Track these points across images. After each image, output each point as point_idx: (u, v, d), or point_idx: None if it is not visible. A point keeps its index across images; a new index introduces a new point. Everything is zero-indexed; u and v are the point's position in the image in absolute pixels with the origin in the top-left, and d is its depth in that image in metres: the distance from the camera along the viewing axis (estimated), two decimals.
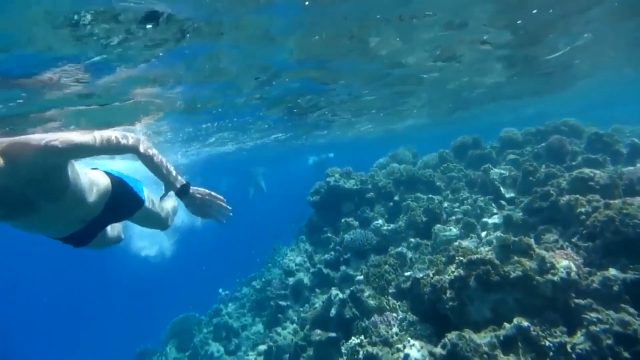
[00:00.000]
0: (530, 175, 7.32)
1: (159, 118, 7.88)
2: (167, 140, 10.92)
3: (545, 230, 5.63)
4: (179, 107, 7.11)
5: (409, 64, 7.11)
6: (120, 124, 7.28)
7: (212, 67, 5.18)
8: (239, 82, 6.33)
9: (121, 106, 5.96)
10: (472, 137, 10.68)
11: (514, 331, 3.91)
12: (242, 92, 7.04)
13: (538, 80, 11.91)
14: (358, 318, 5.69)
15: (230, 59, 5.02)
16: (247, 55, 5.05)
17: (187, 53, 4.42)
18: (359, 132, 19.59)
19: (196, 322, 11.21)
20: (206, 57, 4.81)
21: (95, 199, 2.49)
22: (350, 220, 8.76)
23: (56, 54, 3.49)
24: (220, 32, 4.01)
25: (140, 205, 2.98)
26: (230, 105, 7.98)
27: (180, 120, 8.81)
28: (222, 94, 6.97)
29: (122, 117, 6.89)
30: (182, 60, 4.68)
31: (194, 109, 7.65)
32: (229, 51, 4.72)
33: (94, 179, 2.53)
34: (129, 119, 7.17)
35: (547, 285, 4.15)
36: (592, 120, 10.10)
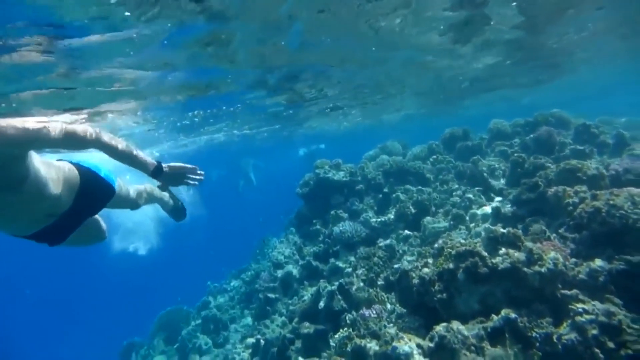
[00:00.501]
0: (519, 166, 7.33)
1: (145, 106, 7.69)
2: (155, 129, 10.68)
3: (533, 222, 5.64)
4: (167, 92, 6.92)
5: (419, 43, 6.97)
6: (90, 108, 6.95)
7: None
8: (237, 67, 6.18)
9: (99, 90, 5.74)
10: (461, 129, 10.67)
11: (502, 323, 3.91)
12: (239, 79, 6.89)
13: (536, 66, 11.89)
14: (347, 310, 5.67)
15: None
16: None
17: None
18: (350, 123, 19.54)
19: (184, 314, 11.13)
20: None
21: (62, 191, 2.35)
22: (339, 212, 8.72)
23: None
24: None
25: (112, 194, 2.89)
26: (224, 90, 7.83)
27: (168, 107, 8.61)
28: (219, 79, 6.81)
29: (93, 101, 6.58)
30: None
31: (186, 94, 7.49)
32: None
33: (59, 170, 2.39)
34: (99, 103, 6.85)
35: (535, 276, 4.15)
36: (581, 112, 10.15)
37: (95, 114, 7.18)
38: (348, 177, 9.38)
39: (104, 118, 7.68)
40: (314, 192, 9.67)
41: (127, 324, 16.03)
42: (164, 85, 6.41)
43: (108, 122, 8.12)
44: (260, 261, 12.26)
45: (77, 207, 2.52)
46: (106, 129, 7.59)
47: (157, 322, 11.31)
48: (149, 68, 5.35)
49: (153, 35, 4.16)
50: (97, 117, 7.40)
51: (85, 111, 6.84)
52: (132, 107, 7.45)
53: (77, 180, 2.51)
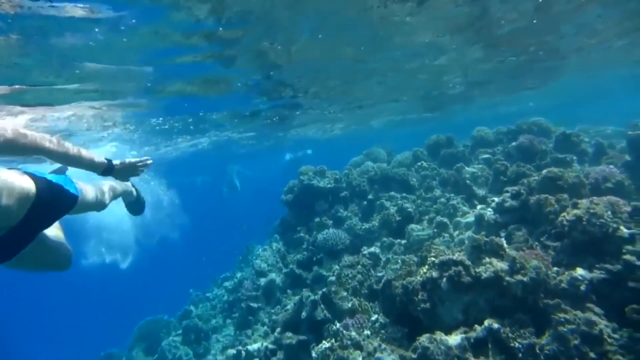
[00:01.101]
0: (502, 174, 7.38)
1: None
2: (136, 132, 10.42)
3: (515, 230, 5.65)
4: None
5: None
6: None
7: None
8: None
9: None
10: (445, 136, 10.73)
11: (485, 333, 3.87)
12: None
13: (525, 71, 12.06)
14: (330, 320, 5.57)
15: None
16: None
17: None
18: (338, 129, 19.53)
19: (164, 324, 10.84)
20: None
21: (10, 203, 2.16)
22: (323, 220, 8.63)
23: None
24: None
25: (73, 203, 2.67)
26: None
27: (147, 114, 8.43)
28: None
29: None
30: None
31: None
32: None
33: (7, 181, 2.14)
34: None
35: (518, 285, 4.13)
36: (561, 120, 10.33)
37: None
38: (333, 184, 9.32)
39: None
40: (298, 199, 9.58)
41: (105, 334, 15.56)
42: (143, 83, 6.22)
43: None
44: (243, 269, 12.06)
45: (30, 220, 2.31)
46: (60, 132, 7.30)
47: (137, 332, 10.98)
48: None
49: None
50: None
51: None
52: (100, 106, 7.16)
53: (31, 192, 2.30)
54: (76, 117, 7.55)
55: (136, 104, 7.56)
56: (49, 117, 7.13)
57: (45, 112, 6.79)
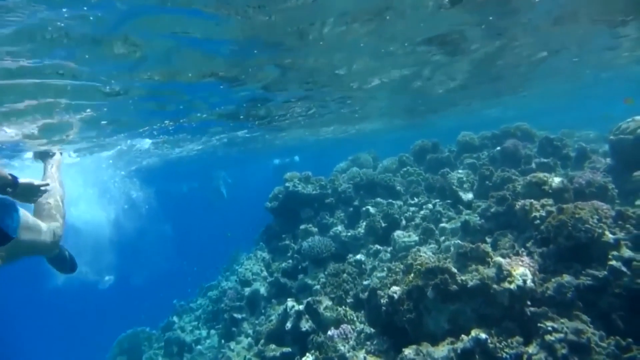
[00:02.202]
0: (487, 179, 7.36)
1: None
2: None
3: (501, 235, 5.61)
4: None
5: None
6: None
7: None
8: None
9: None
10: (431, 141, 10.73)
11: (472, 344, 3.76)
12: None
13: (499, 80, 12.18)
14: (314, 331, 5.41)
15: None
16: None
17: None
18: (322, 134, 19.42)
19: (146, 337, 10.50)
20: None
21: None
22: (308, 227, 8.49)
23: None
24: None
25: (6, 241, 2.27)
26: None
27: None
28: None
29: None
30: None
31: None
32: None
33: None
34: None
35: (504, 294, 4.05)
36: (540, 125, 10.43)
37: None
38: (318, 190, 9.19)
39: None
40: (284, 206, 9.42)
41: (84, 347, 15.02)
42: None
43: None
44: (229, 278, 11.81)
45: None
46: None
47: (117, 346, 10.62)
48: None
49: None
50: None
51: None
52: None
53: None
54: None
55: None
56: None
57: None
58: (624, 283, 3.92)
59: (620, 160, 6.28)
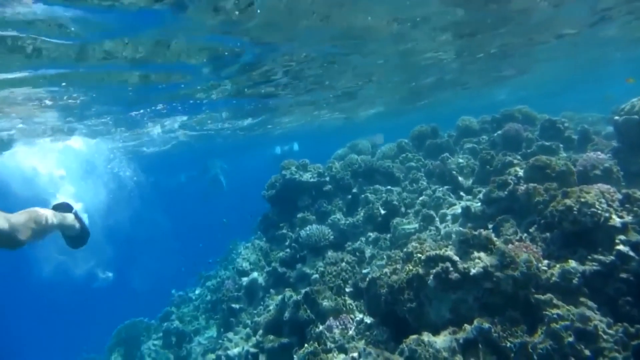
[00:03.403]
0: (488, 164, 7.19)
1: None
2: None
3: (503, 221, 5.45)
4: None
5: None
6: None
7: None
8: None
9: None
10: (430, 126, 10.53)
11: (475, 333, 3.64)
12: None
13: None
14: (313, 321, 5.29)
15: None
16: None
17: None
18: (321, 120, 19.16)
19: (145, 327, 10.43)
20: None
21: None
22: (306, 215, 8.34)
23: None
24: None
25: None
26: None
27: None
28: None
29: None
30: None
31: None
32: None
33: None
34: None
35: (508, 281, 3.91)
36: (539, 108, 10.22)
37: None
38: (316, 178, 9.02)
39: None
40: (281, 194, 9.25)
41: (82, 338, 14.99)
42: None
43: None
44: (227, 267, 11.71)
45: None
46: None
47: (115, 336, 10.55)
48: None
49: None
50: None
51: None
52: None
53: None
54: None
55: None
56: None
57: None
58: (631, 268, 3.78)
59: (626, 142, 6.09)
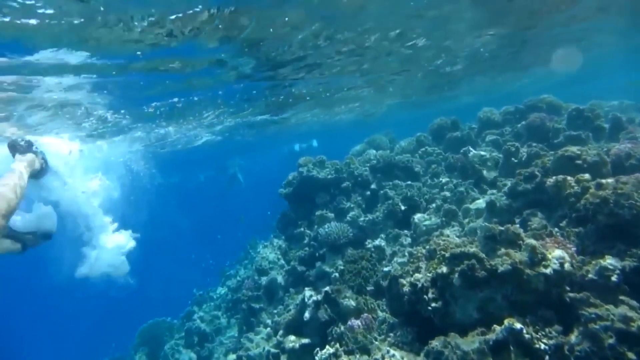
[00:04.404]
0: (512, 156, 6.90)
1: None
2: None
3: (531, 215, 5.20)
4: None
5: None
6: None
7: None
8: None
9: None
10: (450, 119, 10.22)
11: (505, 334, 3.44)
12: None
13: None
14: (334, 321, 5.17)
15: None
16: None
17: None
18: (339, 114, 18.98)
19: (167, 327, 10.53)
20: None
21: None
22: (324, 213, 8.21)
23: None
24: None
25: None
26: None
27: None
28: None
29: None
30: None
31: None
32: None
33: None
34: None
35: (539, 278, 3.69)
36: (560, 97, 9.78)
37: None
38: (333, 175, 8.87)
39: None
40: (298, 192, 9.15)
41: (109, 337, 15.31)
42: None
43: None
44: (246, 266, 11.73)
45: None
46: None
47: (139, 336, 10.70)
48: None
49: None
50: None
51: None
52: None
53: None
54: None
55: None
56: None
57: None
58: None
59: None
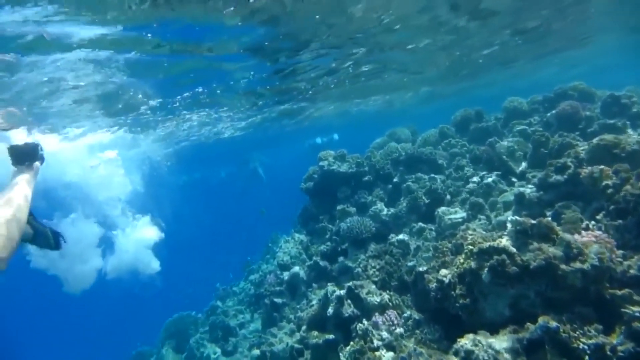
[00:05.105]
0: (542, 146, 6.61)
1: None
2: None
3: (564, 207, 4.95)
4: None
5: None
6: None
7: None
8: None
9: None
10: (474, 110, 9.89)
11: (540, 333, 3.27)
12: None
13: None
14: (358, 317, 5.08)
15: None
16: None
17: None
18: (361, 106, 18.76)
19: (192, 321, 10.68)
20: None
21: None
22: (346, 207, 8.11)
23: None
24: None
25: None
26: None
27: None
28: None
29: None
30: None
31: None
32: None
33: None
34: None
35: (576, 274, 3.50)
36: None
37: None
38: (354, 168, 8.74)
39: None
40: (319, 186, 9.06)
41: (136, 331, 15.71)
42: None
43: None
44: (268, 261, 11.76)
45: None
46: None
47: (165, 330, 10.90)
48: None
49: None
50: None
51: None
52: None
53: None
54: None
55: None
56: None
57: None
58: None
59: None
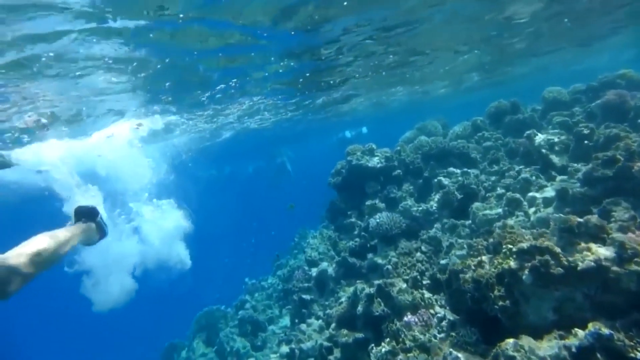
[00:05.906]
0: (586, 138, 6.21)
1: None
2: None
3: (613, 204, 4.60)
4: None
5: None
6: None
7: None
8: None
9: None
10: (509, 101, 9.44)
11: (592, 340, 3.03)
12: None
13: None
14: (388, 316, 4.93)
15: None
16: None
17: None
18: (390, 98, 18.44)
19: (221, 315, 10.83)
20: None
21: None
22: (375, 202, 7.93)
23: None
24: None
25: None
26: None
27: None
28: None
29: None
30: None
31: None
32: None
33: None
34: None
35: (631, 278, 3.22)
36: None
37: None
38: (383, 163, 8.53)
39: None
40: (347, 181, 8.91)
41: (168, 323, 16.13)
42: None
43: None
44: (296, 256, 11.77)
45: None
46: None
47: (196, 323, 11.12)
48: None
49: None
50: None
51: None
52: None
53: None
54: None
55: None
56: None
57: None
58: None
59: None
